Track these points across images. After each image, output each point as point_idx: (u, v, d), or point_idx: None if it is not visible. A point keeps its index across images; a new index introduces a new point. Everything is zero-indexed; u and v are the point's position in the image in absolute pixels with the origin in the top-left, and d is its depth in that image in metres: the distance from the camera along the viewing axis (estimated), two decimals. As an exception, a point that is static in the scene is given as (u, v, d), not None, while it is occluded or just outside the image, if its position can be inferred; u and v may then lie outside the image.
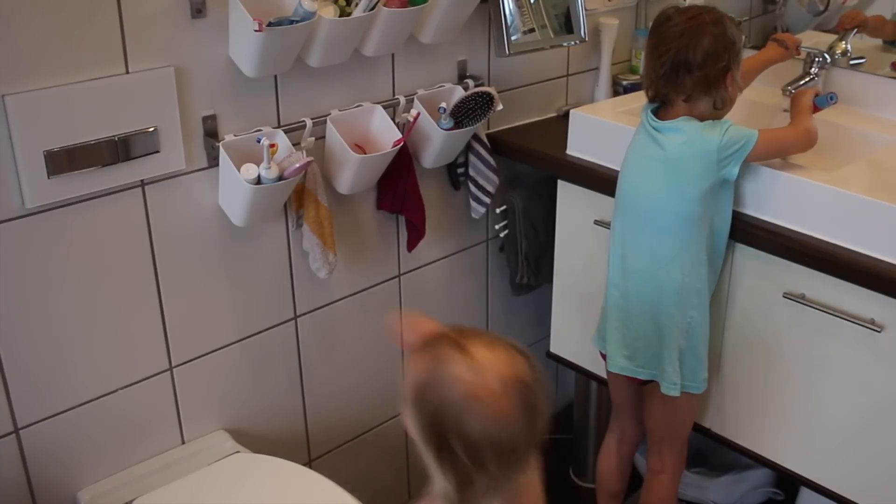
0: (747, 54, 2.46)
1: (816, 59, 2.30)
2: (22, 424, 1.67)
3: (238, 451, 1.90)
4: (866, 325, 1.83)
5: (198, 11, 1.66)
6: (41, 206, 1.56)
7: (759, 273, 2.00)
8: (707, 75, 1.83)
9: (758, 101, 2.38)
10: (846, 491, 1.99)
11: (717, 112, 1.89)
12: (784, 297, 1.93)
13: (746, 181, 1.97)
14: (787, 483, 2.41)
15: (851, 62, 2.34)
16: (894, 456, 1.87)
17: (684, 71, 1.83)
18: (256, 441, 1.99)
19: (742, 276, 2.02)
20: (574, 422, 2.66)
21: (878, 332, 1.82)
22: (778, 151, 1.92)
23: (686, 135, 1.83)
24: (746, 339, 2.07)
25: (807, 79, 2.27)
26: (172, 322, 1.82)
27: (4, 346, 1.61)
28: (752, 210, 1.99)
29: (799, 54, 2.26)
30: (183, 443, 1.92)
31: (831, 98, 2.01)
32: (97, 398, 1.76)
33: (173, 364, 1.85)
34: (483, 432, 1.17)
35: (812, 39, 2.47)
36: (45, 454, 1.72)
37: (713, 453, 2.62)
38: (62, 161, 1.54)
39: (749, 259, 1.99)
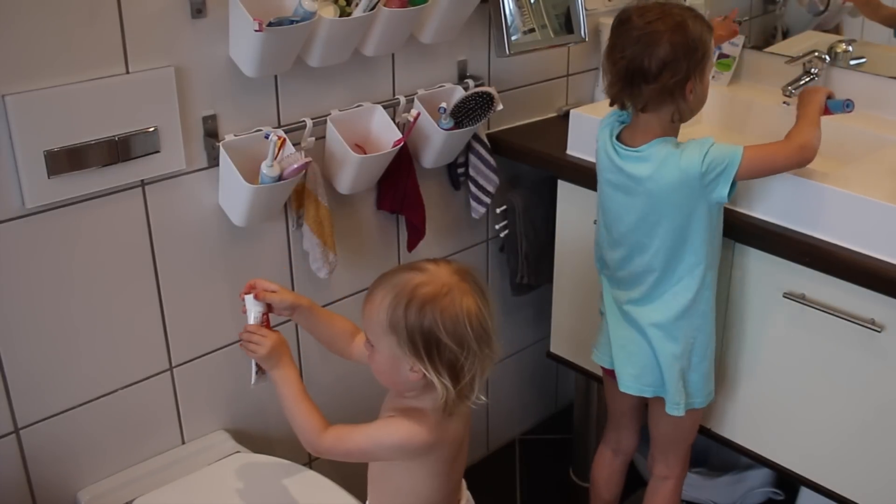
0: (749, 55, 2.50)
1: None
2: (22, 424, 1.67)
3: (238, 451, 1.90)
4: (866, 325, 1.83)
5: (198, 11, 1.66)
6: (41, 206, 1.56)
7: (759, 273, 1.99)
8: (664, 86, 1.71)
9: (756, 101, 2.38)
10: (846, 491, 1.99)
11: (674, 126, 1.80)
12: (784, 297, 1.93)
13: (744, 181, 1.93)
14: (787, 483, 2.40)
15: (851, 62, 2.34)
16: (894, 456, 1.87)
17: (639, 80, 1.72)
18: (256, 441, 2.00)
19: (742, 276, 2.02)
20: (574, 422, 2.66)
21: (878, 332, 1.81)
22: (766, 170, 1.82)
23: (658, 164, 1.75)
24: (747, 339, 2.06)
25: (807, 79, 2.26)
26: (172, 322, 1.83)
27: (5, 346, 1.61)
28: (751, 210, 1.98)
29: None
30: (183, 443, 1.92)
31: (847, 105, 1.92)
32: (97, 398, 1.76)
33: (173, 364, 1.86)
34: (458, 316, 1.44)
35: (812, 39, 2.47)
36: (46, 454, 1.72)
37: (713, 453, 2.62)
38: (62, 161, 1.55)
39: (749, 259, 1.99)
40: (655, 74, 1.70)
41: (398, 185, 2.08)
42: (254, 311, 1.59)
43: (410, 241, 2.17)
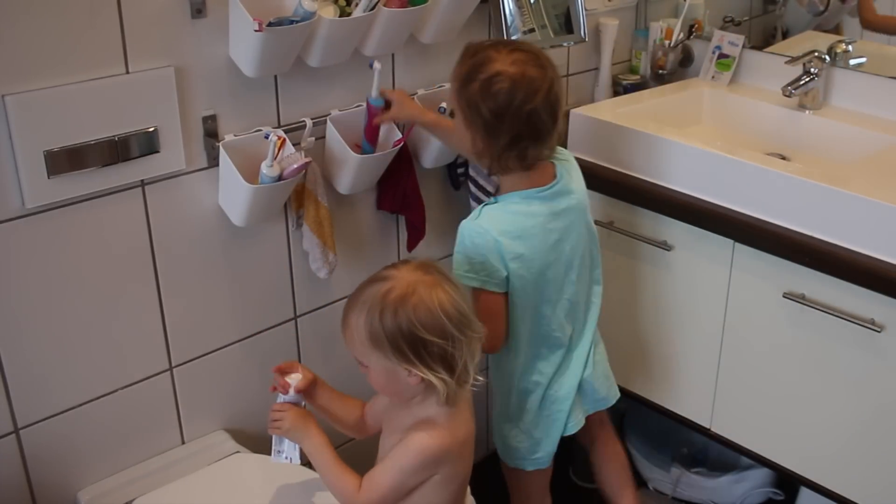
0: (749, 55, 2.48)
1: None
2: (22, 424, 1.67)
3: (238, 451, 1.91)
4: (866, 325, 1.84)
5: (198, 11, 1.67)
6: (41, 206, 1.57)
7: (758, 273, 2.00)
8: None
9: (755, 101, 2.40)
10: (846, 491, 2.00)
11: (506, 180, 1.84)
12: (784, 297, 1.94)
13: (744, 181, 1.99)
14: (787, 483, 2.41)
15: (851, 62, 2.35)
16: (893, 456, 1.88)
17: None
18: (257, 441, 1.99)
19: (742, 275, 2.03)
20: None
21: (879, 332, 1.83)
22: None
23: None
24: (746, 339, 2.08)
25: (807, 79, 2.27)
26: (172, 322, 1.83)
27: (5, 346, 1.61)
28: (751, 210, 2.00)
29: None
30: (183, 443, 1.92)
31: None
32: (97, 398, 1.76)
33: (173, 364, 1.86)
34: (432, 310, 1.47)
35: (812, 40, 2.49)
36: (46, 454, 1.72)
37: (713, 453, 2.62)
38: (62, 161, 1.55)
39: (749, 259, 2.00)
40: None
41: (398, 185, 2.09)
42: (288, 394, 1.65)
43: (410, 241, 2.18)
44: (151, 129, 1.65)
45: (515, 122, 1.70)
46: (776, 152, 2.28)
